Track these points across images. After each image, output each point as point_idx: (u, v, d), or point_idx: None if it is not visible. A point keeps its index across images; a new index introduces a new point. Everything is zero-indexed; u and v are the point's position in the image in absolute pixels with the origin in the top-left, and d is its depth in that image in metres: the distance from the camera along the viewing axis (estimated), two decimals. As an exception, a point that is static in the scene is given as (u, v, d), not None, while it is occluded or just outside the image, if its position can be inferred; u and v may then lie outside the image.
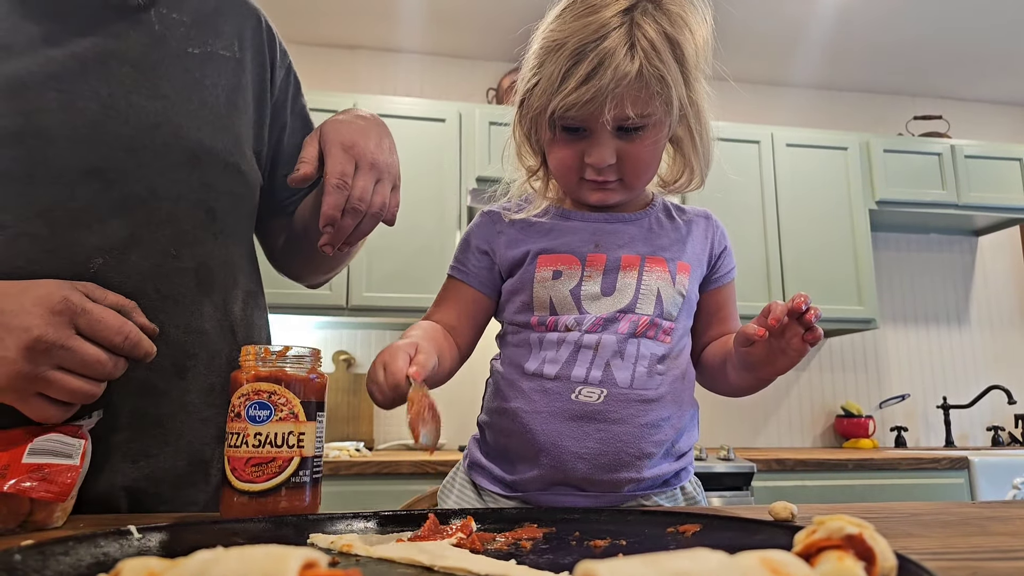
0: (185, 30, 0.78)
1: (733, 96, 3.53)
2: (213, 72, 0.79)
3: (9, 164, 0.65)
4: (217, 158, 0.76)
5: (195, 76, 0.77)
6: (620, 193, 0.82)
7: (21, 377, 0.56)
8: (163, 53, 0.75)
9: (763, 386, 0.81)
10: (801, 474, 2.39)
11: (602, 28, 0.72)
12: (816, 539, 0.32)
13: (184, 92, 0.75)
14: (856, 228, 2.95)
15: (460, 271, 0.88)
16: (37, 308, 0.56)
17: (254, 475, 0.59)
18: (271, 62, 0.87)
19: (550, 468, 0.77)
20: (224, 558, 0.27)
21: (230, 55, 0.81)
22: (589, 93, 0.71)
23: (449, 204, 2.64)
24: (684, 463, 0.83)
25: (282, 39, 0.91)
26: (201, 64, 0.78)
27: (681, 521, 0.53)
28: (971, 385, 3.29)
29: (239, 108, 0.81)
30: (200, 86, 0.77)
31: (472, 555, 0.46)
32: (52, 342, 0.56)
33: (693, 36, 0.77)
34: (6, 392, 0.57)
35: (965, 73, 3.41)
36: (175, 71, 0.75)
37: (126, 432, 0.69)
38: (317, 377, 0.63)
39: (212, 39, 0.80)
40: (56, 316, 0.56)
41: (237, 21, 0.84)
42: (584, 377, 0.77)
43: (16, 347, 0.55)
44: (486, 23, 2.94)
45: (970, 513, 0.67)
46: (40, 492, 0.55)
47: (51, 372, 0.57)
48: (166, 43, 0.76)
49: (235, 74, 0.81)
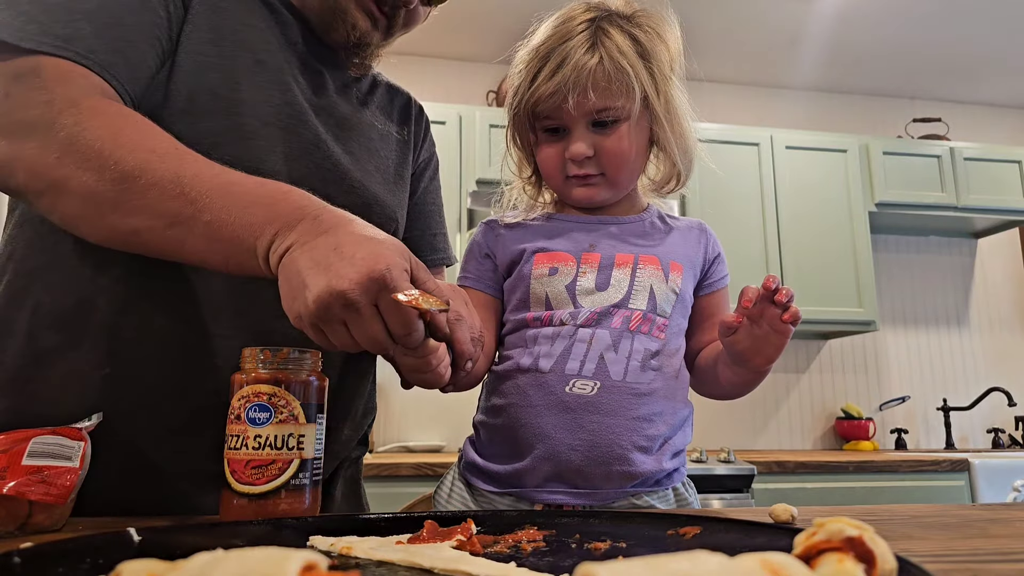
0: (374, 110, 0.93)
1: (732, 99, 3.55)
2: (386, 147, 0.92)
3: None
4: (385, 213, 0.86)
5: (376, 146, 0.90)
6: (604, 188, 0.85)
7: (311, 314, 0.55)
8: (359, 121, 0.89)
9: (757, 380, 0.82)
10: (801, 476, 2.39)
11: (568, 33, 0.81)
12: (816, 541, 0.32)
13: (367, 155, 0.88)
14: (856, 230, 2.95)
15: (468, 279, 0.90)
16: (364, 265, 0.54)
17: (254, 477, 0.59)
18: (415, 142, 0.99)
19: (543, 460, 0.78)
20: (224, 560, 0.27)
21: (401, 138, 0.95)
22: (553, 86, 0.79)
23: (450, 206, 2.64)
24: (677, 463, 0.84)
25: None
26: (381, 138, 0.91)
27: (681, 523, 0.53)
28: (971, 387, 3.29)
29: (403, 180, 0.94)
30: (378, 155, 0.90)
31: (472, 557, 0.46)
32: (351, 302, 0.54)
33: (666, 45, 0.85)
34: (305, 317, 0.56)
35: (964, 76, 3.42)
36: (363, 138, 0.88)
37: None
38: (317, 379, 0.63)
39: (390, 123, 0.95)
40: (371, 282, 0.54)
41: (406, 111, 0.99)
42: (578, 370, 0.79)
43: (324, 289, 0.54)
44: (486, 26, 2.94)
45: (970, 515, 0.67)
46: (39, 494, 0.55)
47: (336, 324, 0.56)
48: (362, 115, 0.90)
49: (402, 153, 0.95)
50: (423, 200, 1.00)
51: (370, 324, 0.56)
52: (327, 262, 0.54)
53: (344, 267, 0.54)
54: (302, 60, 0.83)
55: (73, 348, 0.70)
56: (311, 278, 0.54)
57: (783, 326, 0.71)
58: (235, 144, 0.73)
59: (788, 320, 0.70)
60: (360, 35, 0.84)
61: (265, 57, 0.79)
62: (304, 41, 0.84)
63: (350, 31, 0.83)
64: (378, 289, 0.54)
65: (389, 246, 0.57)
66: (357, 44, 0.85)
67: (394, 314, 0.56)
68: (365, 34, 0.84)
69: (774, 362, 0.77)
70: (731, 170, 2.85)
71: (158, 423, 0.71)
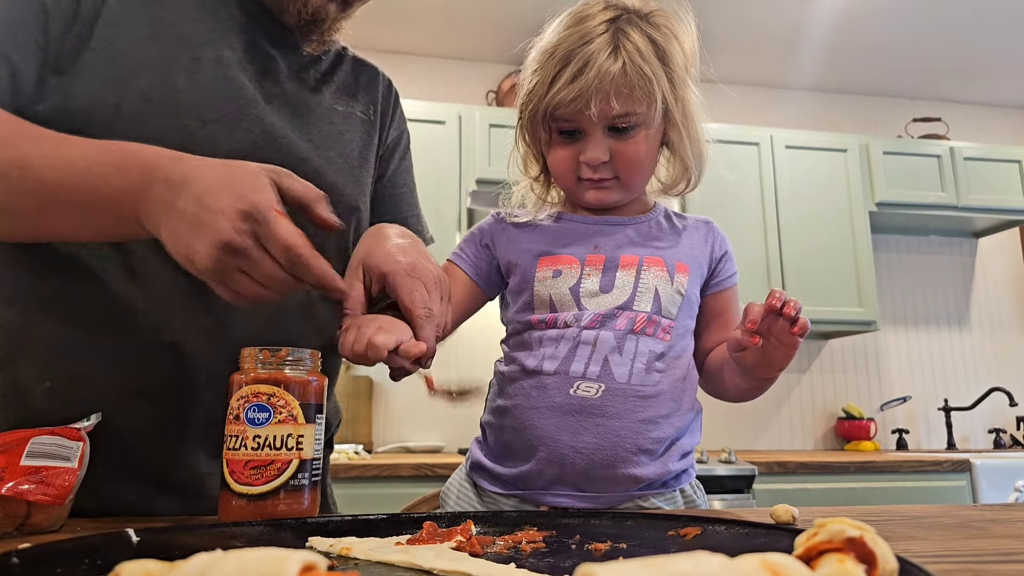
0: (336, 90, 0.88)
1: (732, 98, 3.53)
2: (350, 129, 0.88)
3: None
4: (344, 202, 0.82)
5: (339, 129, 0.86)
6: (617, 192, 0.84)
7: (211, 272, 0.56)
8: (317, 104, 0.85)
9: (766, 387, 0.82)
10: (802, 477, 2.39)
11: (588, 35, 0.78)
12: (817, 542, 0.32)
13: (328, 141, 0.84)
14: (856, 230, 2.95)
15: (459, 257, 0.91)
16: (231, 208, 0.55)
17: (253, 478, 0.59)
18: (383, 121, 0.95)
19: (548, 462, 0.78)
20: (223, 561, 0.27)
21: (366, 117, 0.91)
22: (575, 91, 0.76)
23: (449, 206, 2.64)
24: (685, 464, 0.83)
25: None
26: (344, 120, 0.88)
27: (682, 524, 0.53)
28: (972, 387, 3.29)
29: (367, 163, 0.90)
30: (341, 139, 0.86)
31: (471, 558, 0.46)
32: (238, 248, 0.55)
33: (681, 45, 0.83)
34: (205, 275, 0.57)
35: (964, 75, 3.42)
36: (323, 122, 0.85)
37: None
38: (316, 379, 0.63)
39: (354, 102, 0.90)
40: (244, 222, 0.55)
41: (373, 88, 0.94)
42: (582, 372, 0.78)
43: (209, 245, 0.55)
44: (486, 25, 2.94)
45: (972, 516, 0.67)
46: (37, 495, 0.55)
47: (237, 274, 0.57)
48: (321, 98, 0.86)
49: (367, 134, 0.91)
50: (393, 182, 0.96)
51: (263, 263, 0.57)
52: (198, 219, 0.55)
53: (215, 219, 0.55)
54: (251, 45, 0.80)
55: (11, 361, 0.70)
56: (193, 240, 0.55)
57: (792, 339, 0.70)
58: (176, 148, 0.70)
59: (797, 333, 0.69)
60: (312, 11, 0.81)
61: (205, 51, 0.75)
62: (255, 23, 0.81)
63: (301, 8, 0.80)
64: (254, 225, 0.56)
65: (245, 177, 0.58)
66: (311, 21, 0.82)
67: (273, 241, 0.56)
68: (318, 9, 0.81)
69: (783, 370, 0.76)
70: (731, 170, 2.84)
71: (112, 434, 0.69)
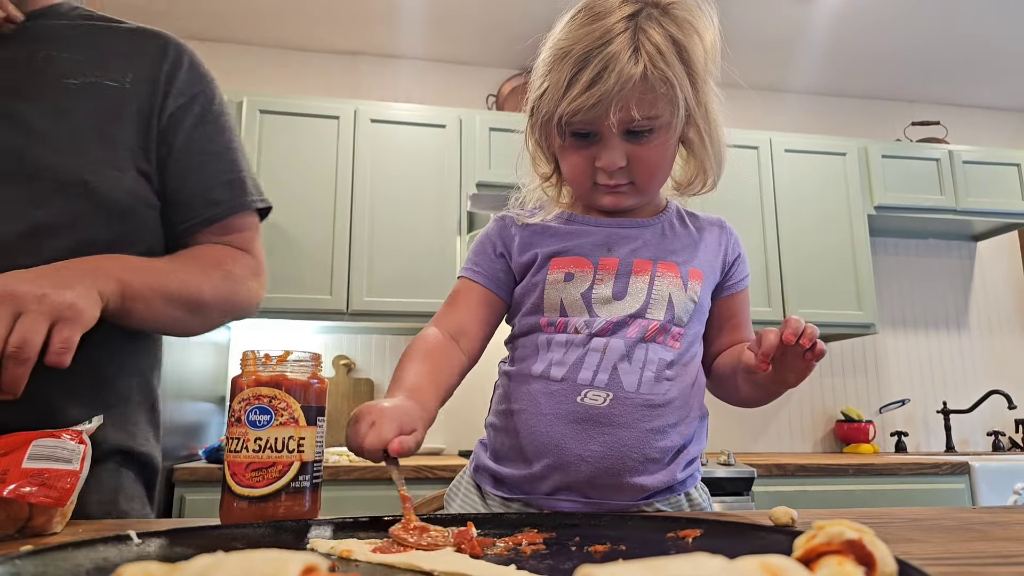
0: (71, 65, 0.82)
1: (732, 102, 3.53)
2: (89, 101, 0.81)
3: None
4: (61, 178, 0.76)
5: (67, 104, 0.80)
6: (633, 196, 0.81)
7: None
8: (34, 80, 0.79)
9: (775, 398, 0.81)
10: (801, 479, 2.39)
11: (607, 34, 0.72)
12: (816, 544, 0.32)
13: (48, 117, 0.78)
14: (855, 233, 2.95)
15: (474, 272, 0.87)
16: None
17: (254, 480, 0.59)
18: (158, 89, 0.85)
19: (553, 470, 0.76)
20: (224, 562, 0.27)
21: (117, 85, 0.83)
22: (594, 97, 0.71)
23: (449, 209, 2.64)
24: (691, 471, 0.82)
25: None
26: (81, 91, 0.81)
27: (681, 526, 0.53)
28: (971, 390, 3.29)
29: (111, 135, 0.81)
30: (69, 114, 0.79)
31: (472, 560, 0.46)
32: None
33: (701, 40, 0.77)
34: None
35: (963, 79, 3.42)
36: (43, 99, 0.79)
37: None
38: (317, 382, 0.63)
39: (99, 71, 0.83)
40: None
41: (136, 55, 0.85)
42: (591, 380, 0.76)
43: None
44: (486, 30, 2.95)
45: (971, 518, 0.67)
46: (39, 497, 0.55)
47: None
48: (42, 74, 0.80)
49: (118, 103, 0.82)
50: (187, 151, 0.86)
51: None
52: None
53: None
54: None
55: None
56: None
57: (807, 363, 0.68)
58: None
59: (812, 359, 0.67)
60: None
61: None
62: None
63: None
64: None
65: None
66: None
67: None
68: None
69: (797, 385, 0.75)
70: (730, 173, 2.84)
71: None
